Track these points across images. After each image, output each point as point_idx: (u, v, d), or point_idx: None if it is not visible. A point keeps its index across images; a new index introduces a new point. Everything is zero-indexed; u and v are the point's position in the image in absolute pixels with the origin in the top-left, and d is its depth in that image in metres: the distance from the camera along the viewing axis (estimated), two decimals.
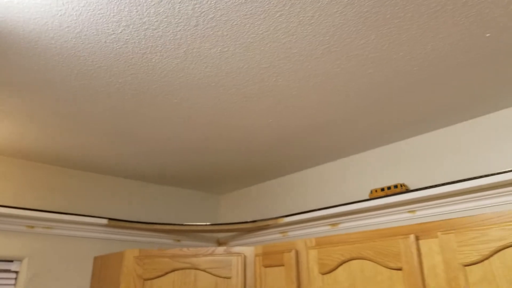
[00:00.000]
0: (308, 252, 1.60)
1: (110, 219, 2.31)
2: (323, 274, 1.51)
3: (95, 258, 2.25)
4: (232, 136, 1.95)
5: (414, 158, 1.95)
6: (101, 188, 2.45)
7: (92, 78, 1.43)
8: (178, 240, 2.66)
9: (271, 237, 2.51)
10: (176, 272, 1.86)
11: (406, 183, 1.95)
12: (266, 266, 1.81)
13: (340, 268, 1.45)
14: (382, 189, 1.93)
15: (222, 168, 2.41)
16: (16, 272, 2.08)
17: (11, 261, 2.08)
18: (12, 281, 2.06)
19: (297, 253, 1.67)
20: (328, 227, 2.15)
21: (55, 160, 2.24)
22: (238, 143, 2.03)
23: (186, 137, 1.95)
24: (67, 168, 2.36)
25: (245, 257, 1.90)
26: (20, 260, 2.09)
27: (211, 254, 1.90)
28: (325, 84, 1.49)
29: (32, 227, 2.13)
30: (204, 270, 1.86)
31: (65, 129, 1.85)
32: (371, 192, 1.97)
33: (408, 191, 1.80)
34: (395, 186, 1.89)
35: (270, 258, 1.79)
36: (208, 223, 2.48)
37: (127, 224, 2.36)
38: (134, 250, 1.94)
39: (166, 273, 1.86)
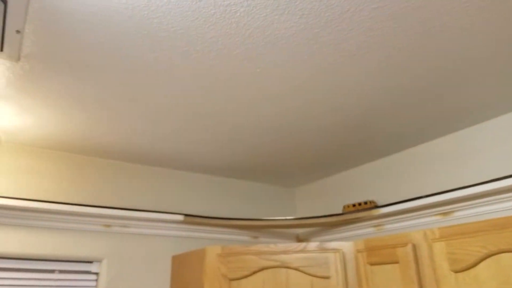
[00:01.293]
0: (432, 246, 1.30)
1: (186, 215, 2.15)
2: (457, 272, 1.20)
3: (173, 257, 2.10)
4: (319, 112, 1.70)
5: None
6: (176, 184, 2.31)
7: (166, 48, 1.25)
8: (256, 237, 2.45)
9: (361, 231, 2.21)
10: (265, 271, 1.64)
11: None
12: (372, 264, 1.53)
13: (483, 263, 1.14)
14: None
15: (299, 156, 2.16)
16: (96, 274, 1.98)
17: (91, 262, 1.98)
18: (93, 283, 1.96)
19: (414, 247, 1.37)
20: (438, 217, 1.81)
21: (128, 157, 2.12)
22: (324, 119, 1.77)
23: (264, 118, 1.73)
24: (141, 165, 2.24)
25: (343, 253, 1.63)
26: (99, 261, 1.99)
27: (303, 251, 1.66)
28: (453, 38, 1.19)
29: (109, 226, 2.02)
30: (296, 269, 1.62)
31: (137, 120, 1.70)
32: None
33: None
34: None
35: (378, 255, 1.50)
36: (290, 218, 2.24)
37: (204, 221, 2.18)
38: (215, 247, 1.75)
39: (254, 272, 1.65)
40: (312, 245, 1.66)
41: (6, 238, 1.80)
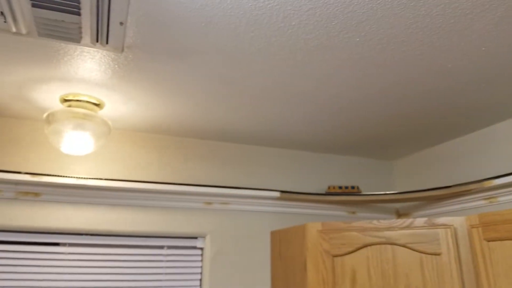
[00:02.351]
0: None
1: (282, 191, 2.16)
2: None
3: (272, 233, 2.13)
4: (426, 75, 1.56)
5: None
6: (272, 161, 2.33)
7: (263, 25, 1.22)
8: (353, 212, 2.39)
9: (469, 205, 2.04)
10: (369, 247, 1.60)
11: None
12: (490, 240, 1.40)
13: None
14: None
15: (399, 127, 2.03)
16: (201, 249, 2.10)
17: (196, 238, 2.10)
18: (199, 257, 2.08)
19: None
20: None
21: (226, 137, 2.18)
22: (430, 83, 1.63)
23: (356, 91, 1.64)
24: (238, 144, 2.29)
25: (455, 229, 1.52)
26: (203, 236, 2.10)
27: (410, 227, 1.57)
28: None
29: (210, 203, 2.11)
30: (404, 246, 1.55)
31: (234, 101, 1.72)
32: None
33: None
34: None
35: (496, 230, 1.37)
36: (392, 192, 2.14)
37: (300, 197, 2.18)
38: (316, 224, 1.74)
39: (358, 248, 1.61)
40: (420, 220, 1.57)
41: (119, 217, 1.97)
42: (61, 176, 1.83)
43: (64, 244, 1.92)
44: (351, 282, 1.56)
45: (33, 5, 1.09)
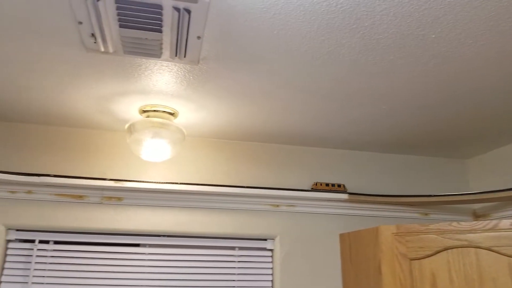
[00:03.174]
0: None
1: (350, 193, 2.14)
2: None
3: (341, 235, 2.12)
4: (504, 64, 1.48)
5: None
6: (339, 163, 2.32)
7: (334, 28, 1.23)
8: (426, 214, 2.31)
9: None
10: (449, 251, 1.54)
11: None
12: None
13: None
14: None
15: (474, 123, 1.93)
16: (271, 250, 2.14)
17: (265, 239, 2.14)
18: (269, 259, 2.12)
19: None
20: None
21: (292, 140, 2.20)
22: (508, 82, 1.54)
23: (432, 87, 1.59)
24: (303, 146, 2.30)
25: None
26: (272, 238, 2.13)
27: (494, 229, 1.49)
28: None
29: (277, 205, 2.15)
30: (489, 249, 1.47)
31: (300, 103, 1.74)
32: None
33: None
34: None
35: None
36: (469, 192, 2.04)
37: (369, 198, 2.15)
38: (389, 226, 1.70)
39: (437, 252, 1.55)
40: (505, 222, 1.48)
41: (193, 219, 2.06)
42: (141, 181, 1.96)
43: (144, 245, 2.05)
44: (431, 287, 1.51)
45: (121, 26, 1.18)
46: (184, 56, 1.36)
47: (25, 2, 1.12)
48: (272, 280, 2.09)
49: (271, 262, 2.12)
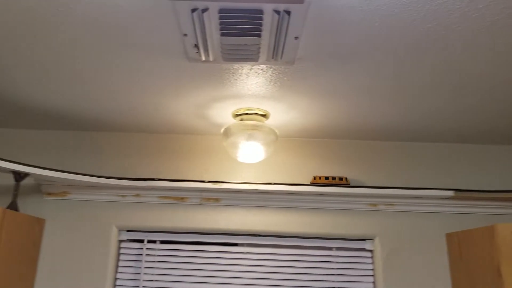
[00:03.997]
0: None
1: (457, 190, 1.99)
2: None
3: (449, 235, 1.98)
4: None
5: None
6: (443, 158, 2.17)
7: (442, 14, 1.14)
8: None
9: None
10: None
11: None
12: None
13: None
14: None
15: None
16: (371, 251, 2.07)
17: (364, 240, 2.08)
18: (369, 260, 2.05)
19: None
20: None
21: (387, 135, 2.11)
22: None
23: None
24: (401, 142, 2.20)
25: None
26: (371, 239, 2.06)
27: None
28: None
29: (375, 205, 2.07)
30: None
31: (397, 97, 1.66)
32: None
33: None
34: None
35: None
36: None
37: (480, 195, 1.97)
38: (508, 225, 1.55)
39: None
40: None
41: (288, 219, 2.06)
42: (236, 182, 2.01)
43: (242, 244, 2.10)
44: None
45: (222, 34, 1.22)
46: (281, 58, 1.36)
47: (136, 20, 1.20)
48: (374, 282, 2.02)
49: (372, 263, 2.05)
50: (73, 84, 1.64)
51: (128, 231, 2.12)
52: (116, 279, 2.05)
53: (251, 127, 1.82)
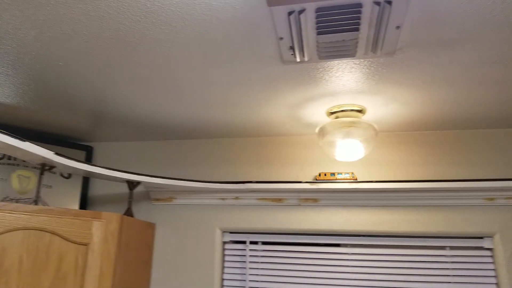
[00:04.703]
0: None
1: None
2: None
3: None
4: None
5: None
6: None
7: None
8: None
9: None
10: None
11: None
12: None
13: None
14: None
15: None
16: (490, 249, 1.88)
17: (481, 237, 1.89)
18: (489, 259, 1.86)
19: None
20: None
21: (500, 122, 1.91)
22: None
23: None
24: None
25: None
26: (490, 236, 1.87)
27: None
28: None
29: (492, 199, 1.87)
30: None
31: (507, 82, 1.48)
32: None
33: None
34: None
35: None
36: None
37: None
38: None
39: None
40: None
41: (394, 218, 1.96)
42: (336, 181, 1.96)
43: (345, 245, 2.05)
44: None
45: (318, 33, 1.18)
46: (381, 50, 1.29)
47: (233, 30, 1.22)
48: (497, 283, 1.83)
49: (492, 263, 1.86)
50: (173, 96, 1.73)
51: (230, 232, 2.19)
52: (223, 279, 2.12)
53: (347, 124, 1.76)
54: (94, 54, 1.40)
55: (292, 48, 1.27)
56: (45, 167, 1.72)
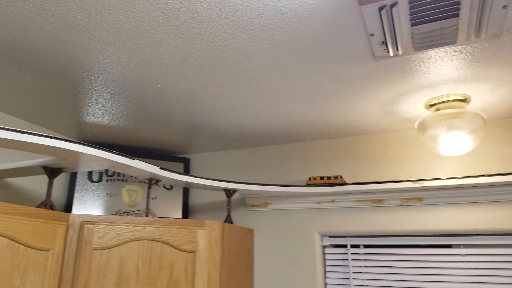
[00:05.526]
0: None
1: None
2: None
3: None
4: None
5: None
6: None
7: None
8: None
9: None
10: None
11: None
12: None
13: None
14: None
15: None
16: None
17: None
18: None
19: None
20: None
21: None
22: None
23: None
24: None
25: None
26: None
27: None
28: None
29: None
30: None
31: None
32: None
33: None
34: None
35: None
36: None
37: None
38: None
39: None
40: None
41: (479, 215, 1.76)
42: (441, 178, 1.82)
43: (457, 246, 1.89)
44: None
45: (413, 24, 1.11)
46: (485, 33, 1.17)
47: (322, 32, 1.20)
48: None
49: None
50: (261, 105, 1.76)
51: (329, 236, 2.15)
52: (326, 284, 2.09)
53: (450, 115, 1.63)
54: (188, 73, 1.48)
55: (384, 43, 1.21)
56: (152, 181, 1.85)
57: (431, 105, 1.70)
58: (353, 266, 2.05)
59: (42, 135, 1.32)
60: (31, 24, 1.19)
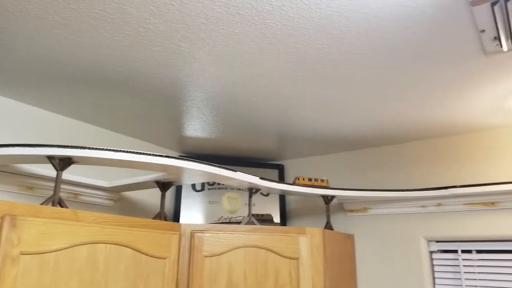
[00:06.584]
0: None
1: None
2: None
3: None
4: None
5: None
6: None
7: None
8: None
9: None
10: None
11: None
12: None
13: None
14: None
15: None
16: None
17: None
18: None
19: None
20: None
21: None
22: None
23: None
24: None
25: None
26: None
27: None
28: None
29: None
30: None
31: None
32: None
33: None
34: None
35: None
36: None
37: None
38: None
39: None
40: None
41: None
42: None
43: None
44: None
45: None
46: None
47: (429, 31, 1.15)
48: None
49: None
50: (355, 110, 1.72)
51: (437, 241, 2.03)
52: None
53: None
54: (283, 85, 1.50)
55: (497, 38, 1.11)
56: (252, 190, 1.92)
57: None
58: (465, 272, 1.91)
59: (155, 155, 1.44)
60: (140, 55, 1.31)
